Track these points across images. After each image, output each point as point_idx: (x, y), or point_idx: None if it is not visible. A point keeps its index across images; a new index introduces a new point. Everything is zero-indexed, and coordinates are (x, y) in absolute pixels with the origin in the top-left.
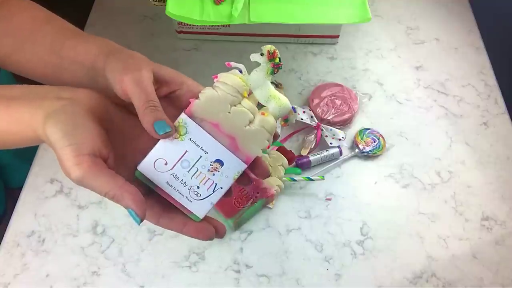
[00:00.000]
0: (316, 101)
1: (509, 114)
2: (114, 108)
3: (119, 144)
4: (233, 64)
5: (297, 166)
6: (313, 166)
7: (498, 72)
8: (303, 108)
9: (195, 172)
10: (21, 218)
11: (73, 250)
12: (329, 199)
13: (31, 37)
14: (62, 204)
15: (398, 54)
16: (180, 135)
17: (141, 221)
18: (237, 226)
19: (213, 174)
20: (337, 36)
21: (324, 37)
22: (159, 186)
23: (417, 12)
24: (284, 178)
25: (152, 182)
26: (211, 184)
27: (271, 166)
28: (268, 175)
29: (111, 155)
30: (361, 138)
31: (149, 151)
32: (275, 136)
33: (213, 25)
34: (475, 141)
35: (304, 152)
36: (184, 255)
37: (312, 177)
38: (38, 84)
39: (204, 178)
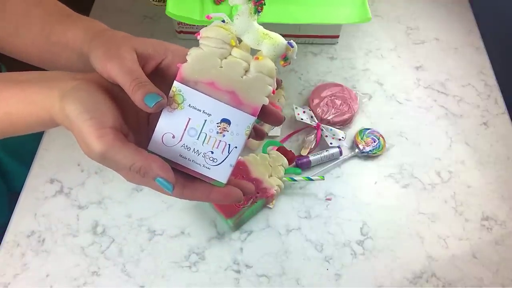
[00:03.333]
0: (316, 101)
1: (509, 114)
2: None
3: (134, 124)
4: (213, 15)
5: (297, 166)
6: (313, 166)
7: (498, 72)
8: (303, 108)
9: (205, 138)
10: (21, 218)
11: (73, 250)
12: (329, 199)
13: (23, 21)
14: (62, 204)
15: (398, 54)
16: (178, 104)
17: (173, 188)
18: (237, 226)
19: (223, 135)
20: (337, 36)
21: (324, 37)
22: (174, 161)
23: (417, 12)
24: (284, 178)
25: (166, 158)
26: (224, 146)
27: (271, 166)
28: (282, 119)
29: (131, 132)
30: (361, 138)
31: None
32: (278, 82)
33: None
34: (475, 141)
35: (304, 152)
36: (184, 255)
37: (312, 177)
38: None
39: (216, 141)
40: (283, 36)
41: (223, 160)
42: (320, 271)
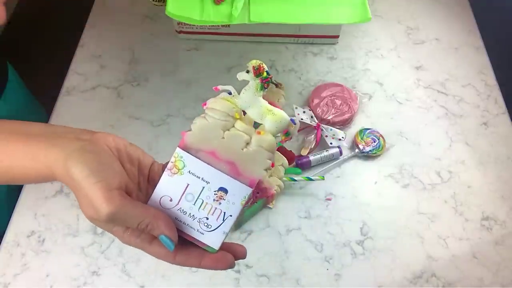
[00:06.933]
0: (316, 101)
1: (509, 114)
2: (130, 148)
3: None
4: (220, 87)
5: (297, 166)
6: (313, 166)
7: (498, 72)
8: (303, 108)
9: (201, 204)
10: (21, 218)
11: (73, 250)
12: (329, 199)
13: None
14: (62, 204)
15: (398, 54)
16: (179, 169)
17: (174, 246)
18: (237, 226)
19: (220, 203)
20: (337, 36)
21: (324, 37)
22: None
23: (417, 12)
24: (284, 178)
25: None
26: (220, 213)
27: None
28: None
29: (135, 190)
30: (361, 138)
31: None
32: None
33: (213, 25)
34: (475, 141)
35: (304, 152)
36: None
37: (312, 177)
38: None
39: (211, 208)
40: (283, 36)
41: (218, 227)
42: (320, 271)
